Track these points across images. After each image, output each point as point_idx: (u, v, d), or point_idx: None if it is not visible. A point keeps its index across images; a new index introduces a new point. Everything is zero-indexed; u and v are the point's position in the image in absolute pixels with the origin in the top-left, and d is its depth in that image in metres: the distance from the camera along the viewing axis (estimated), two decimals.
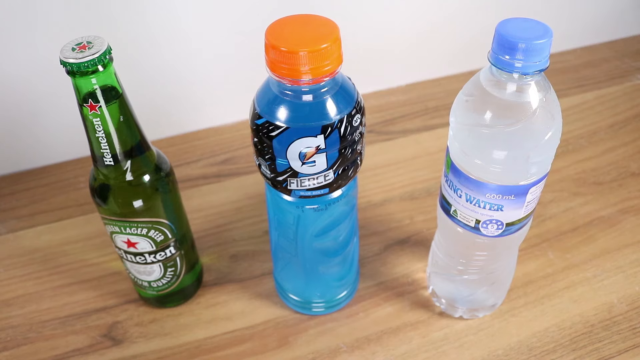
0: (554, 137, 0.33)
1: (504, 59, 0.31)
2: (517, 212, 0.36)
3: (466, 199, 0.37)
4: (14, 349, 0.45)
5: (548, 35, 0.30)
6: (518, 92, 0.32)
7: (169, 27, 0.58)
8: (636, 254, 0.50)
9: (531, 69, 0.31)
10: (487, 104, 0.33)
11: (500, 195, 0.35)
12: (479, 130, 0.33)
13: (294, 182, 0.36)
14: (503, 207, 0.36)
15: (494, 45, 0.31)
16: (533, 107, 0.32)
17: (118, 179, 0.38)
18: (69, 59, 0.32)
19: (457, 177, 0.36)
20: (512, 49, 0.30)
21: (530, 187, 0.35)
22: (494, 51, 0.32)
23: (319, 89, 0.33)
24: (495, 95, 0.33)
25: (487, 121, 0.33)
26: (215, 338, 0.46)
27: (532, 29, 0.31)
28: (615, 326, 0.45)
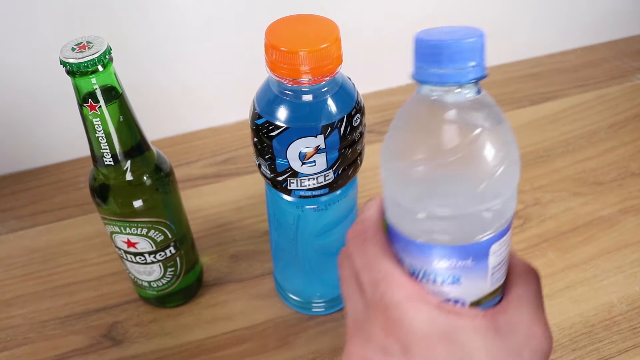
0: (509, 170, 0.25)
1: (429, 70, 0.24)
2: (482, 285, 0.26)
3: (412, 271, 0.27)
4: (14, 349, 0.45)
5: (477, 35, 0.24)
6: (454, 112, 0.25)
7: (169, 26, 0.58)
8: (636, 254, 0.50)
9: (463, 77, 0.24)
10: (419, 134, 0.26)
11: (454, 261, 0.26)
12: (414, 169, 0.25)
13: (294, 182, 0.36)
14: (461, 278, 0.26)
15: (415, 57, 0.25)
16: (475, 131, 0.24)
17: (118, 179, 0.38)
18: (69, 59, 0.32)
19: (397, 243, 0.27)
20: (436, 54, 0.24)
21: (492, 244, 0.26)
22: (416, 64, 0.25)
23: (318, 89, 0.33)
24: (427, 121, 0.25)
25: (422, 155, 0.25)
26: (215, 338, 0.46)
27: (459, 32, 0.24)
28: (615, 326, 0.45)
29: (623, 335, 0.44)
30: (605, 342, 0.44)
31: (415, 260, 0.26)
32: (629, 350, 0.43)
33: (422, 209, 0.25)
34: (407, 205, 0.26)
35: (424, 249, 0.26)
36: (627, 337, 0.44)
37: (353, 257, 0.28)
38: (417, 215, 0.25)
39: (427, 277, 0.26)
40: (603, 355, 0.43)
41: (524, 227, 0.53)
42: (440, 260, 0.26)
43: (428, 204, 0.25)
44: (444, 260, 0.26)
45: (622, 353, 0.43)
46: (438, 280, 0.26)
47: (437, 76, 0.24)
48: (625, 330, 0.44)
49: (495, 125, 0.25)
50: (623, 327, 0.45)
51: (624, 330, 0.44)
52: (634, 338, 0.44)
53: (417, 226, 0.26)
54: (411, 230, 0.26)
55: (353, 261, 0.28)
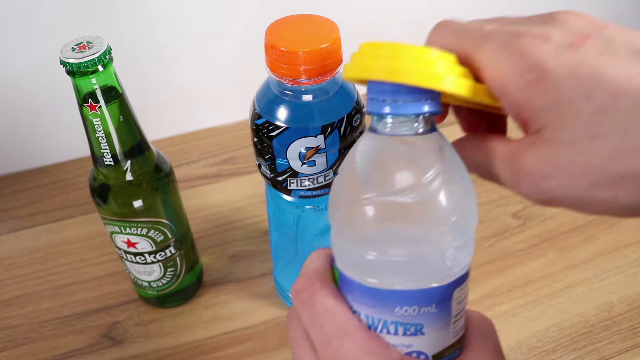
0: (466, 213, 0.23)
1: (385, 101, 0.23)
2: (444, 336, 0.24)
3: (369, 323, 0.24)
4: (14, 349, 0.45)
5: None
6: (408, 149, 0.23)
7: (169, 26, 0.58)
8: (636, 254, 0.50)
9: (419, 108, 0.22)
10: (371, 173, 0.24)
11: (417, 307, 0.23)
12: (365, 210, 0.23)
13: (294, 182, 0.36)
14: (424, 328, 0.24)
15: (369, 90, 0.23)
16: (431, 171, 0.22)
17: (118, 179, 0.38)
18: (69, 59, 0.32)
19: (351, 293, 0.24)
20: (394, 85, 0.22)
21: (454, 289, 0.24)
22: (370, 96, 0.23)
23: (319, 89, 0.33)
24: (380, 158, 0.24)
25: (373, 195, 0.23)
26: (215, 338, 0.46)
27: None
28: (615, 326, 0.45)
29: (623, 335, 0.44)
30: (605, 342, 0.44)
31: (373, 310, 0.24)
32: (629, 350, 0.43)
33: (377, 252, 0.23)
34: (361, 250, 0.23)
35: (382, 296, 0.23)
36: (627, 337, 0.44)
37: (301, 314, 0.24)
38: (372, 260, 0.23)
39: (387, 328, 0.24)
40: (603, 355, 0.43)
41: (524, 227, 0.53)
42: (402, 308, 0.23)
43: (380, 248, 0.23)
44: (406, 306, 0.23)
45: (622, 353, 0.43)
46: (399, 331, 0.24)
47: (393, 107, 0.22)
48: (625, 330, 0.44)
49: (451, 165, 0.23)
50: (623, 327, 0.45)
51: (624, 330, 0.44)
52: (634, 338, 0.44)
53: (373, 271, 0.23)
54: (367, 277, 0.23)
55: (301, 319, 0.24)
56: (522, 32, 0.20)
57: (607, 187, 0.18)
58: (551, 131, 0.19)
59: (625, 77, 0.18)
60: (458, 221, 0.23)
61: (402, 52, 0.21)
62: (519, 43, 0.20)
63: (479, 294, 0.48)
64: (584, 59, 0.19)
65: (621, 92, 0.18)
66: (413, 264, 0.23)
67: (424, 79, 0.21)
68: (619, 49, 0.19)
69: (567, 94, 0.18)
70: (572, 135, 0.19)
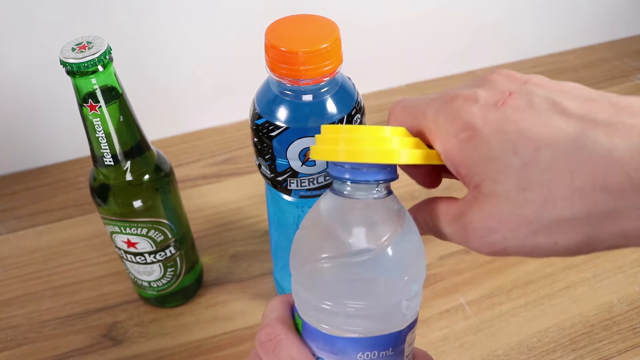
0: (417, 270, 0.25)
1: (337, 165, 0.25)
2: None
3: None
4: (14, 349, 0.46)
5: None
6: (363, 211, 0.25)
7: (169, 26, 0.58)
8: (636, 254, 0.50)
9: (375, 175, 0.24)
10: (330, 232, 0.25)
11: (376, 352, 0.25)
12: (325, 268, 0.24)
13: (294, 182, 0.36)
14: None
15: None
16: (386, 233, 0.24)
17: (118, 179, 0.38)
18: (69, 59, 0.32)
19: (314, 341, 0.26)
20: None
21: (408, 333, 0.26)
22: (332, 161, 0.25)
23: (318, 89, 0.33)
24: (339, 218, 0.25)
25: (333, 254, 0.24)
26: (215, 338, 0.46)
27: None
28: (615, 326, 0.45)
29: (623, 335, 0.44)
30: (605, 342, 0.44)
31: (336, 357, 0.25)
32: (629, 350, 0.43)
33: (338, 305, 0.24)
34: (322, 303, 0.25)
35: (344, 344, 0.25)
36: (627, 337, 0.44)
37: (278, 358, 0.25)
38: (333, 311, 0.24)
39: None
40: (603, 355, 0.43)
41: None
42: (364, 353, 0.25)
43: (342, 302, 0.24)
44: (367, 351, 0.25)
45: (622, 353, 0.43)
46: None
47: (353, 174, 0.24)
48: (625, 330, 0.44)
49: (404, 226, 0.25)
50: (623, 327, 0.45)
51: (623, 330, 0.44)
52: (634, 338, 0.44)
53: (335, 322, 0.25)
54: (329, 326, 0.25)
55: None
56: (455, 95, 0.23)
57: (545, 235, 0.20)
58: (487, 185, 0.21)
59: (544, 130, 0.19)
60: (411, 278, 0.25)
61: (359, 134, 0.24)
62: (452, 107, 0.22)
63: (479, 294, 0.48)
64: (508, 116, 0.20)
65: (542, 145, 0.19)
66: (372, 315, 0.25)
67: (381, 156, 0.23)
68: (539, 103, 0.20)
69: (497, 150, 0.20)
70: (506, 188, 0.20)
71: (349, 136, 0.23)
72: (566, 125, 0.19)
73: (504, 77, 0.23)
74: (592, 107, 0.19)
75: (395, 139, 0.23)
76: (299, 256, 0.26)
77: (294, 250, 0.26)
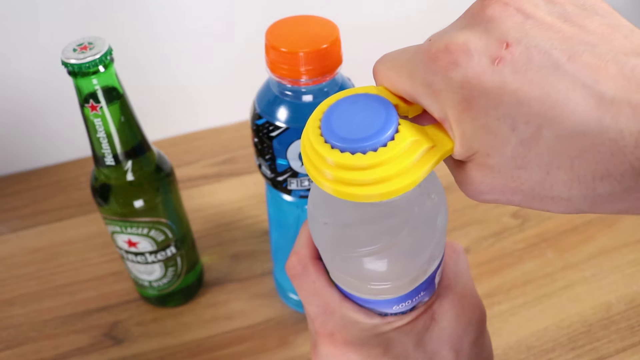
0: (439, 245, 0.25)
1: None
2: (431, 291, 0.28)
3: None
4: (16, 348, 0.46)
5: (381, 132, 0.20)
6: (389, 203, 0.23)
7: (170, 27, 0.58)
8: (634, 254, 0.50)
9: None
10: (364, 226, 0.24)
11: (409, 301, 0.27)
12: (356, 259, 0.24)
13: (294, 182, 0.36)
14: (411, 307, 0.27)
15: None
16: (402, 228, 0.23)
17: (119, 179, 0.38)
18: (70, 59, 0.32)
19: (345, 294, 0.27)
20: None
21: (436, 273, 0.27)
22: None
23: (319, 90, 0.33)
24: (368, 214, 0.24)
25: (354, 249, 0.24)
26: (216, 337, 0.46)
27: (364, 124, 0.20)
28: (613, 325, 0.45)
29: (621, 335, 0.44)
30: (604, 341, 0.44)
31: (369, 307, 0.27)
32: (627, 349, 0.43)
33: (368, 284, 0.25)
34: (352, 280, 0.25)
35: (376, 304, 0.26)
36: (625, 336, 0.44)
37: (297, 289, 0.28)
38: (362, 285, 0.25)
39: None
40: (601, 354, 0.43)
41: (523, 227, 0.53)
42: (398, 305, 0.26)
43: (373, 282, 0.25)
44: (402, 303, 0.26)
45: (621, 352, 0.43)
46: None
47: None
48: (624, 329, 0.45)
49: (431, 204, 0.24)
50: (621, 327, 0.45)
51: (622, 329, 0.45)
52: (632, 337, 0.44)
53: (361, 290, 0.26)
54: (355, 290, 0.26)
55: (298, 292, 0.28)
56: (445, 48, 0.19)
57: (539, 203, 0.19)
58: (481, 157, 0.19)
59: (546, 104, 0.17)
60: (437, 241, 0.25)
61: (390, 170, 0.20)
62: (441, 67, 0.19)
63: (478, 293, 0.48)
64: (506, 80, 0.18)
65: (544, 124, 0.17)
66: (400, 285, 0.25)
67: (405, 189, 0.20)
68: (540, 61, 0.18)
69: (494, 123, 0.18)
70: (500, 163, 0.19)
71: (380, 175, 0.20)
72: (569, 99, 0.17)
73: (499, 8, 0.19)
74: (599, 73, 0.17)
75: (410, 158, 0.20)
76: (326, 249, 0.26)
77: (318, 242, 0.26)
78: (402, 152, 0.20)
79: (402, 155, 0.20)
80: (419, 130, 0.21)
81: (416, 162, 0.20)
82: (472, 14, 0.20)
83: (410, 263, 0.24)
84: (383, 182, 0.19)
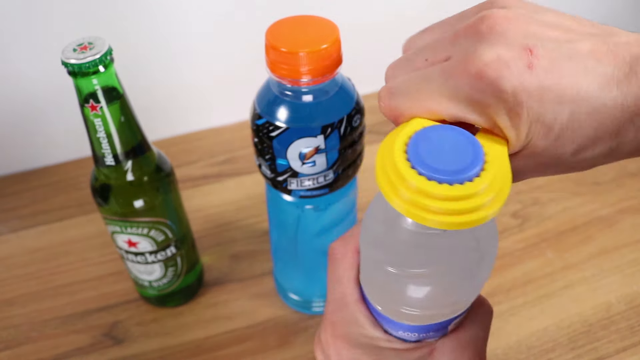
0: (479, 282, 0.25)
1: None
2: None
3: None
4: (16, 348, 0.46)
5: (474, 165, 0.21)
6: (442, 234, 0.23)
7: (170, 27, 0.58)
8: (634, 254, 0.50)
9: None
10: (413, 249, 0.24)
11: (417, 334, 0.27)
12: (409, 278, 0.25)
13: (294, 182, 0.36)
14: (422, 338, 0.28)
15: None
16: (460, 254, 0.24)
17: (119, 179, 0.38)
18: (70, 59, 0.32)
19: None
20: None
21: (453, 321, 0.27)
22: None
23: (318, 90, 0.33)
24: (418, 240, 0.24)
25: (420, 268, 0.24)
26: (216, 337, 0.46)
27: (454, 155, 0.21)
28: (613, 325, 0.45)
29: (621, 335, 0.44)
30: (604, 342, 0.44)
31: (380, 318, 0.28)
32: (627, 349, 0.43)
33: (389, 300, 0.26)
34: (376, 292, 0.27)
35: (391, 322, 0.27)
36: (625, 337, 0.44)
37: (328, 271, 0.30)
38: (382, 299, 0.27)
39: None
40: (601, 354, 0.43)
41: (522, 227, 0.53)
42: (405, 333, 0.27)
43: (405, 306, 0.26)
44: (408, 333, 0.27)
45: (620, 352, 0.43)
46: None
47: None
48: (624, 329, 0.45)
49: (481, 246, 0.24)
50: (621, 327, 0.45)
51: (622, 329, 0.45)
52: (632, 337, 0.44)
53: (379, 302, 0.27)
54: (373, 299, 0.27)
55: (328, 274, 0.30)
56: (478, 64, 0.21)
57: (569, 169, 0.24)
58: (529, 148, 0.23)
59: (575, 92, 0.21)
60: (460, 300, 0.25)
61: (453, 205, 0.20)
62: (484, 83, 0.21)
63: None
64: (542, 81, 0.21)
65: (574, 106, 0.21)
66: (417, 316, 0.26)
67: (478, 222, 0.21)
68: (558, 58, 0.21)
69: (541, 117, 0.21)
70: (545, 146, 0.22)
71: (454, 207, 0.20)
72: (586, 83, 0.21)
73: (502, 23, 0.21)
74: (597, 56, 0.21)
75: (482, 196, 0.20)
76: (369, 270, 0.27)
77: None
78: (485, 188, 0.21)
79: (485, 191, 0.21)
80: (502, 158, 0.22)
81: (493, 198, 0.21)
82: (477, 31, 0.22)
83: (435, 299, 0.25)
84: (460, 214, 0.20)
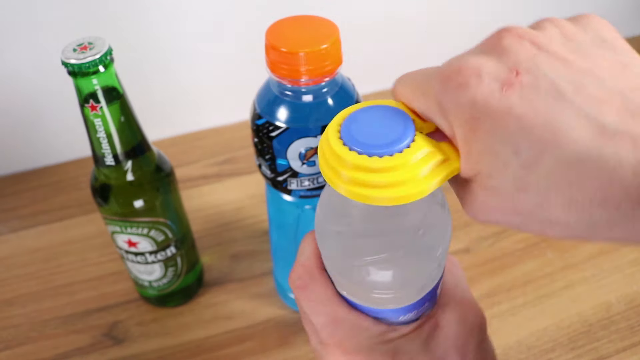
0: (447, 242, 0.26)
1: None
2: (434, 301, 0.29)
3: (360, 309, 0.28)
4: (16, 348, 0.46)
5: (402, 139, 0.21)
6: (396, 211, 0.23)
7: (170, 27, 0.58)
8: (634, 254, 0.50)
9: None
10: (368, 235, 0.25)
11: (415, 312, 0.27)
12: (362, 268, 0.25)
13: (294, 182, 0.36)
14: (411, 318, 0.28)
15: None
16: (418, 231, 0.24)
17: (119, 179, 0.38)
18: (70, 59, 0.32)
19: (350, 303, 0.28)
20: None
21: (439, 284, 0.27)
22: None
23: (318, 90, 0.33)
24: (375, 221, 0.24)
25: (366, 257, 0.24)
26: (216, 337, 0.46)
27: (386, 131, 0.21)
28: (613, 325, 0.45)
29: (621, 335, 0.44)
30: (604, 341, 0.44)
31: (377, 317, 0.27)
32: (627, 349, 0.43)
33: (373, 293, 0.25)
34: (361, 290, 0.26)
35: (383, 314, 0.27)
36: (625, 337, 0.44)
37: (300, 301, 0.28)
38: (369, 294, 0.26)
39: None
40: (601, 354, 0.43)
41: None
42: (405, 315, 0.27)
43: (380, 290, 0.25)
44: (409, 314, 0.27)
45: (620, 352, 0.43)
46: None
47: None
48: (624, 329, 0.45)
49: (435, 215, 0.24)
50: (621, 327, 0.45)
51: (622, 329, 0.45)
52: (632, 337, 0.44)
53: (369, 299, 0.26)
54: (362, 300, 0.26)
55: (300, 305, 0.28)
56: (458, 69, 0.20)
57: (538, 226, 0.20)
58: (482, 178, 0.20)
59: (549, 131, 0.18)
60: (442, 253, 0.25)
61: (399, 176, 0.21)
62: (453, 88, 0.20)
63: (478, 294, 0.48)
64: (512, 106, 0.18)
65: (546, 150, 0.18)
66: (408, 295, 0.25)
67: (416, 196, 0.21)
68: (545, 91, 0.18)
69: (497, 146, 0.19)
70: (500, 184, 0.19)
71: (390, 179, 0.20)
72: (572, 127, 0.18)
73: (514, 40, 0.20)
74: (603, 106, 0.18)
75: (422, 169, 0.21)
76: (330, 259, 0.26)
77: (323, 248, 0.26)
78: (416, 160, 0.21)
79: (416, 163, 0.21)
80: (434, 144, 0.22)
81: (428, 172, 0.21)
82: (488, 44, 0.21)
83: (419, 272, 0.25)
84: (395, 186, 0.20)
